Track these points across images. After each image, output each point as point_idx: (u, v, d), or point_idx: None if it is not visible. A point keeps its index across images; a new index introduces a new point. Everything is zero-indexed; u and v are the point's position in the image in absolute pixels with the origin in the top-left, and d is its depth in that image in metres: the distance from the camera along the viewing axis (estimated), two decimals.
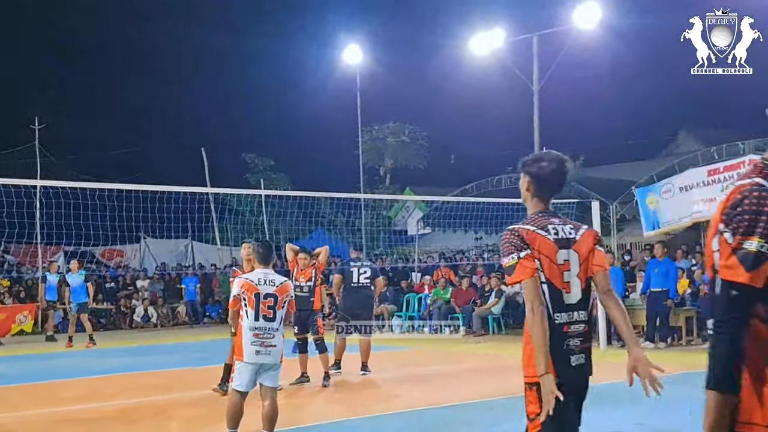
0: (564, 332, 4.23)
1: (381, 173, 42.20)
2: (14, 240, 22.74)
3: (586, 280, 4.31)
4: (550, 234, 4.22)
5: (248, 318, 7.35)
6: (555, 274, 4.19)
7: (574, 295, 4.26)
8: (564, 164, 4.40)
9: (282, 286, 7.55)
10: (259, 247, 7.94)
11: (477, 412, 9.59)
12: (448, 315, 21.87)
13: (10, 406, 10.83)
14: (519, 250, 4.16)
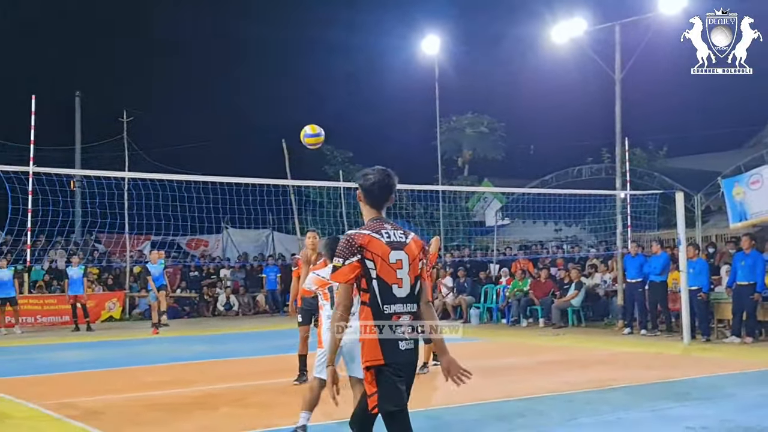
0: (394, 321, 4.84)
1: (459, 164, 41.96)
2: (105, 230, 23.29)
3: (415, 278, 4.93)
4: (383, 237, 4.87)
5: (325, 309, 7.59)
6: (387, 271, 4.82)
7: (404, 289, 4.88)
8: (387, 177, 5.03)
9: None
10: (331, 243, 7.95)
11: (555, 404, 9.47)
12: (526, 307, 21.69)
13: (99, 389, 11.11)
14: (348, 257, 4.84)
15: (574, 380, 11.33)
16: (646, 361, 13.99)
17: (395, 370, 4.86)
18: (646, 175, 27.70)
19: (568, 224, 30.01)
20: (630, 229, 20.45)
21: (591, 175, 30.15)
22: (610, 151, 27.71)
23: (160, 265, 20.63)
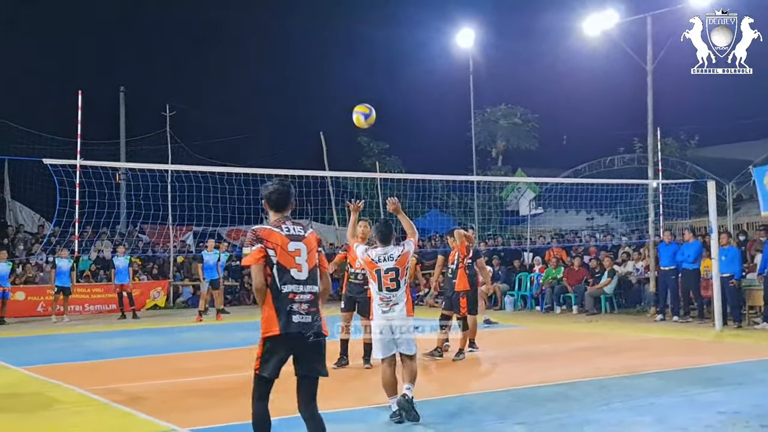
0: (290, 299, 5.67)
1: (493, 155, 41.76)
2: (149, 221, 23.53)
3: (314, 265, 5.84)
4: (283, 231, 5.81)
5: (374, 288, 8.04)
6: (286, 258, 5.71)
7: (302, 273, 5.75)
8: (282, 187, 6.07)
9: (400, 258, 8.03)
10: (380, 227, 8.25)
11: (588, 389, 9.41)
12: (560, 294, 21.59)
13: (144, 375, 11.23)
14: (253, 245, 5.74)
15: (607, 366, 11.26)
16: (678, 347, 13.87)
17: (286, 340, 5.69)
18: (677, 164, 27.41)
19: (601, 213, 29.77)
20: (662, 217, 20.25)
21: (623, 164, 29.90)
22: (641, 141, 27.41)
23: (215, 255, 20.92)
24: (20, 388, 10.46)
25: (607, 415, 7.98)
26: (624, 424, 7.53)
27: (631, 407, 8.34)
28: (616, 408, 8.31)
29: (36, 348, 15.30)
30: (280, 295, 5.66)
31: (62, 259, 20.91)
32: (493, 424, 7.59)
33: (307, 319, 5.71)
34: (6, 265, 21.06)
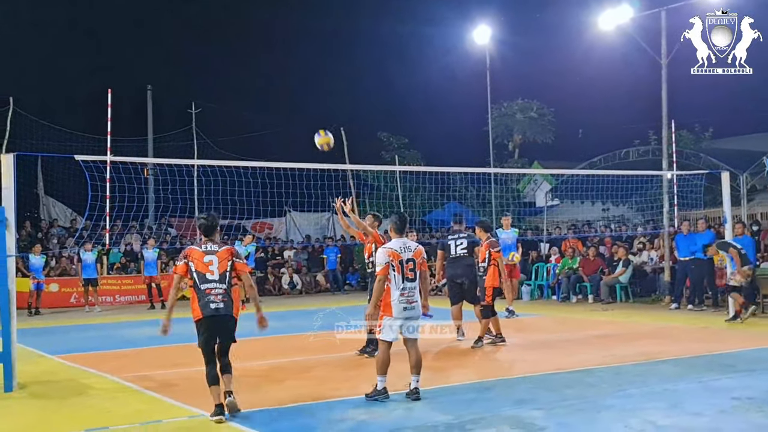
0: (206, 293, 7.86)
1: (510, 148, 41.66)
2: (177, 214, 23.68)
3: (225, 269, 7.98)
4: (202, 248, 8.00)
5: (395, 281, 8.19)
6: (201, 266, 7.89)
7: (214, 275, 7.90)
8: (210, 219, 8.24)
9: (416, 250, 8.38)
10: (397, 219, 8.51)
11: (604, 376, 9.42)
12: (576, 284, 21.54)
13: (173, 363, 11.33)
14: (181, 260, 8.03)
15: (622, 353, 11.24)
16: (693, 334, 13.82)
17: (208, 322, 7.94)
18: (692, 156, 27.22)
19: (616, 204, 29.64)
20: (676, 208, 20.14)
21: (638, 156, 29.72)
22: (656, 134, 27.30)
23: (252, 247, 21.12)
24: (55, 375, 10.59)
25: (623, 400, 7.98)
26: (639, 410, 7.53)
27: (646, 393, 8.34)
28: (632, 394, 8.31)
29: (70, 337, 15.46)
30: (200, 290, 7.90)
31: (86, 253, 21.11)
32: (510, 410, 7.61)
33: (218, 306, 7.88)
34: (40, 258, 21.30)
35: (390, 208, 28.36)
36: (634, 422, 7.04)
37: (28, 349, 12.67)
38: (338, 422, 7.32)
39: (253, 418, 7.48)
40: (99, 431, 7.20)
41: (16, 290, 9.97)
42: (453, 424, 7.06)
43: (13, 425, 7.61)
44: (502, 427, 6.94)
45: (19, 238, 22.58)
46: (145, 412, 7.95)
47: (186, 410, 7.97)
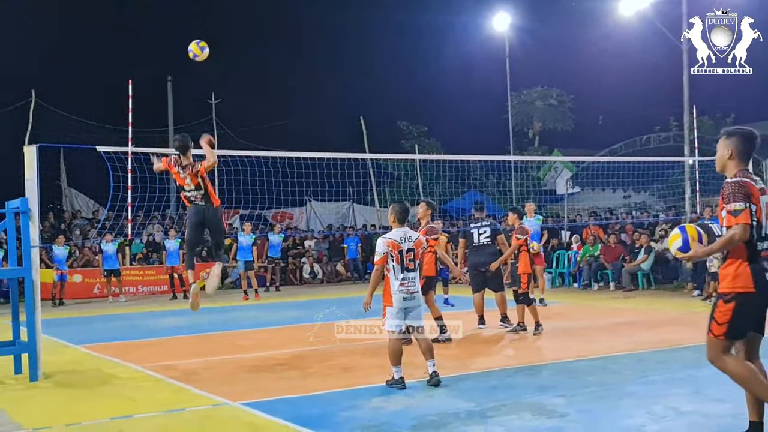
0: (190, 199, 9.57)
1: (530, 136, 41.56)
2: None
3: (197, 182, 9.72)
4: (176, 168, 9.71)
5: (395, 271, 8.20)
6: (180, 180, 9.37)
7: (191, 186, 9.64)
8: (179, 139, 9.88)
9: (417, 240, 8.39)
10: (399, 209, 8.53)
11: (626, 363, 9.39)
12: (597, 271, 21.46)
13: (197, 352, 11.42)
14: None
15: (644, 340, 11.21)
16: None
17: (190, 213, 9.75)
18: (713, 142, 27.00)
19: (637, 191, 29.51)
20: (698, 194, 20.01)
21: (659, 143, 29.60)
22: (677, 120, 27.12)
23: (251, 238, 21.20)
24: (80, 365, 10.69)
25: (645, 387, 7.96)
26: (661, 396, 7.50)
27: (668, 379, 8.31)
28: (654, 380, 8.28)
29: (93, 328, 15.59)
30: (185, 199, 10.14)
31: (107, 244, 21.22)
32: (532, 397, 7.61)
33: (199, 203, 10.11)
34: (64, 249, 21.49)
35: (410, 196, 28.37)
36: (657, 408, 7.02)
37: (53, 340, 12.79)
38: (362, 410, 7.34)
39: (275, 406, 7.52)
40: (124, 420, 7.27)
41: (40, 281, 10.06)
42: (474, 412, 7.07)
43: (39, 414, 7.70)
44: (524, 414, 6.94)
45: (43, 230, 22.80)
46: (168, 401, 8.01)
47: (209, 399, 8.02)
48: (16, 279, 10.37)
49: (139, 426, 7.07)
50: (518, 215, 13.00)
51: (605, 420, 6.73)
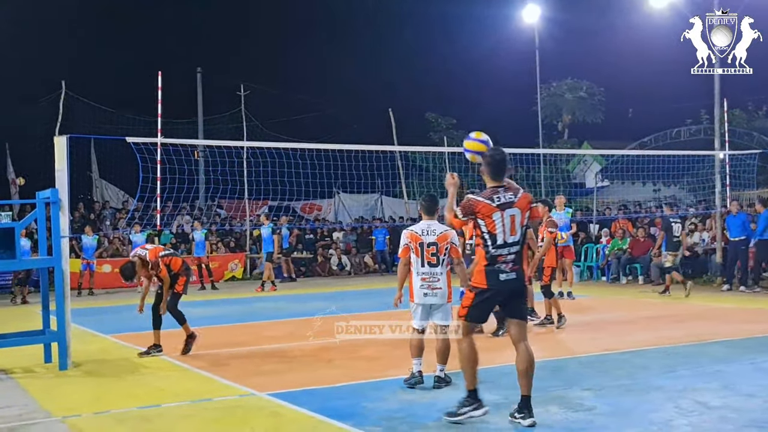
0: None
1: (559, 128, 41.29)
2: (226, 196, 23.92)
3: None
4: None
5: (416, 265, 7.89)
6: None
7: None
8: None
9: (442, 234, 7.92)
10: (425, 200, 8.24)
11: (655, 357, 9.32)
12: (626, 265, 21.30)
13: (224, 343, 11.48)
14: None
15: (673, 334, 11.11)
16: (746, 316, 13.59)
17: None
18: (744, 135, 26.71)
19: (667, 185, 29.23)
20: (729, 188, 19.78)
21: (690, 136, 29.29)
22: (708, 113, 26.80)
23: (268, 228, 21.10)
24: (109, 354, 10.80)
25: (673, 381, 7.88)
26: (689, 390, 7.43)
27: (696, 374, 8.22)
28: (682, 375, 8.20)
29: (122, 317, 15.69)
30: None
31: (136, 234, 21.34)
32: (559, 390, 7.56)
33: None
34: (92, 239, 21.67)
35: (440, 188, 28.26)
36: (685, 403, 6.95)
37: (82, 329, 12.91)
38: (387, 402, 7.34)
39: (301, 397, 7.53)
40: (151, 408, 7.32)
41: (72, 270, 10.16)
42: (501, 404, 7.03)
43: (68, 402, 7.77)
44: (551, 408, 6.89)
45: (73, 220, 23.03)
46: (196, 391, 8.06)
47: (236, 389, 8.06)
48: (46, 269, 10.48)
49: (167, 415, 7.12)
50: (547, 208, 12.85)
51: (633, 414, 6.68)
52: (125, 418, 7.03)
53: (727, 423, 6.32)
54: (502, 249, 6.38)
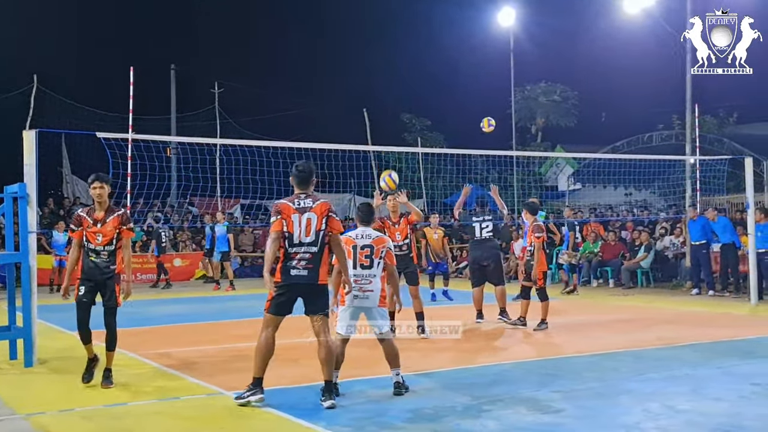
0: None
1: (532, 131, 41.48)
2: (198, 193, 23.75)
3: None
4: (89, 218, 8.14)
5: (349, 266, 7.62)
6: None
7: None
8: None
9: (377, 238, 7.85)
10: (361, 209, 8.17)
11: (624, 360, 9.35)
12: (597, 268, 21.40)
13: (193, 341, 11.39)
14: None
15: (642, 338, 11.17)
16: (714, 320, 13.70)
17: (84, 281, 8.28)
18: (716, 141, 26.98)
19: (638, 189, 29.46)
20: (699, 193, 19.95)
21: (661, 141, 29.54)
22: (680, 118, 27.03)
23: (224, 227, 21.02)
24: (75, 351, 10.61)
25: (643, 384, 7.91)
26: (659, 394, 7.46)
27: (666, 378, 8.26)
28: (652, 378, 8.24)
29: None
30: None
31: (58, 234, 21.07)
32: (529, 392, 7.56)
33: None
34: (63, 235, 21.42)
35: (412, 190, 28.30)
36: (654, 406, 6.98)
37: (49, 325, 12.75)
38: (356, 402, 7.30)
39: (271, 397, 7.46)
40: (118, 407, 7.23)
41: (38, 267, 10.02)
42: (471, 406, 7.02)
43: (33, 399, 7.66)
44: (520, 409, 6.89)
45: (42, 215, 22.75)
46: (164, 389, 7.98)
47: (205, 388, 7.99)
48: (12, 264, 10.33)
49: (134, 413, 7.04)
50: (531, 211, 12.64)
51: (602, 417, 6.69)
52: (91, 416, 6.93)
53: (694, 427, 6.35)
54: (298, 248, 7.14)
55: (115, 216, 8.24)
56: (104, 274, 8.30)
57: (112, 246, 8.23)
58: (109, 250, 8.23)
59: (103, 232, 8.19)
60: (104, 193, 8.27)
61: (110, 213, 8.26)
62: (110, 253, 8.23)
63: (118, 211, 8.32)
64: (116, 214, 8.26)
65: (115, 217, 8.22)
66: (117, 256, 8.28)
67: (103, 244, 8.20)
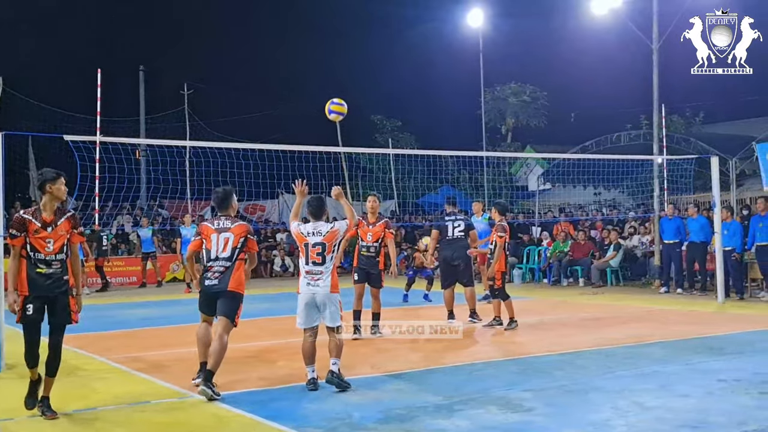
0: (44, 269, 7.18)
1: (503, 132, 41.64)
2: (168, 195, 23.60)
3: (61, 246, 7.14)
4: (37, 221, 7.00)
5: (302, 262, 8.24)
6: (40, 243, 6.99)
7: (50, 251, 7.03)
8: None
9: (329, 234, 8.22)
10: (311, 204, 8.53)
11: (594, 358, 9.43)
12: (567, 267, 21.55)
13: (166, 344, 11.33)
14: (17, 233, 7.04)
15: (612, 336, 11.27)
16: (682, 318, 13.85)
17: (34, 298, 7.16)
18: (682, 140, 27.22)
19: (607, 188, 29.66)
20: (666, 192, 20.15)
21: (629, 141, 29.70)
22: (648, 118, 27.28)
23: (192, 228, 20.91)
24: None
25: (612, 382, 7.99)
26: (628, 391, 7.54)
27: (635, 375, 8.35)
28: (621, 375, 8.32)
29: None
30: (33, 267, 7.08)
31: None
32: (500, 391, 7.61)
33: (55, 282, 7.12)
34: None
35: (383, 191, 28.32)
36: (623, 404, 7.05)
37: (16, 330, 12.57)
38: (328, 403, 7.30)
39: (242, 399, 7.46)
40: (87, 411, 7.18)
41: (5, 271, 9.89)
42: (442, 405, 7.05)
43: (1, 405, 7.58)
44: (491, 408, 6.93)
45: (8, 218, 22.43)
46: (134, 393, 7.93)
47: (176, 391, 7.95)
48: None
49: (104, 418, 6.99)
50: (500, 211, 12.70)
51: (571, 414, 6.75)
52: (59, 422, 6.88)
53: (662, 423, 6.42)
54: (215, 262, 7.98)
55: (66, 219, 7.14)
56: (58, 287, 7.13)
57: (64, 254, 7.09)
58: (61, 258, 7.07)
59: (54, 238, 7.01)
60: (65, 190, 7.29)
61: (60, 215, 7.14)
62: (62, 263, 7.08)
63: (68, 213, 7.25)
64: (66, 216, 7.17)
65: (66, 220, 7.12)
66: (68, 266, 7.17)
67: (55, 252, 7.02)
